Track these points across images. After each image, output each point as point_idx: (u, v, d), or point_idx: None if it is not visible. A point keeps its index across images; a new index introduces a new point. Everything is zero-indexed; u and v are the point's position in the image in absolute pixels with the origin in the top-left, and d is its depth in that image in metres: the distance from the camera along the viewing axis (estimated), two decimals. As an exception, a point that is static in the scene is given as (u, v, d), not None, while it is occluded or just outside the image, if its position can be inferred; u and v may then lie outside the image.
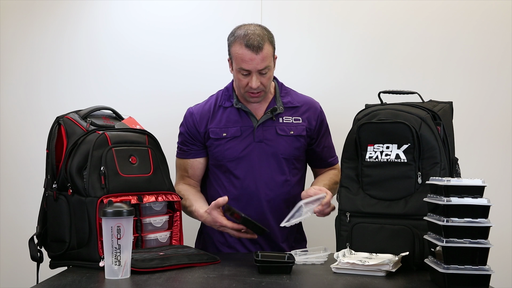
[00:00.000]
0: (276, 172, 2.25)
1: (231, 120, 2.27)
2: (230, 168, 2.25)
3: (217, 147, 2.26)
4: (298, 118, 2.29)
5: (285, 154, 2.25)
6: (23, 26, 2.89)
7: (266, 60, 2.14)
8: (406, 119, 1.94)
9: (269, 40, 2.16)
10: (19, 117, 2.89)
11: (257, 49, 2.11)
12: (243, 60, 2.13)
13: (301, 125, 2.28)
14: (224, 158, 2.26)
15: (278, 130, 2.25)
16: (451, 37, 2.78)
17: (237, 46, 2.14)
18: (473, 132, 2.73)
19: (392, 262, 1.78)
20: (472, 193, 1.61)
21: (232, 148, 2.24)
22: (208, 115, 2.29)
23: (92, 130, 2.01)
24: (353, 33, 2.82)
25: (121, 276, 1.73)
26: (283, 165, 2.26)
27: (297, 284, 1.71)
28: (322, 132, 2.35)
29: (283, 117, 2.27)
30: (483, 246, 1.59)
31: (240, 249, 2.28)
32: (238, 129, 2.25)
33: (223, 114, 2.28)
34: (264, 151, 2.24)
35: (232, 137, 2.25)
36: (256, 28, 2.16)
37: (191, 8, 2.88)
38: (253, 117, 2.26)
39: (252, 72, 2.14)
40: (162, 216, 2.09)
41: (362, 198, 1.98)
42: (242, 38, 2.13)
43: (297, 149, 2.28)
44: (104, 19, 2.90)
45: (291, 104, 2.30)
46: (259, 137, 2.24)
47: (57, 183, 1.98)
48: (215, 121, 2.28)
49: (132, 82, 2.87)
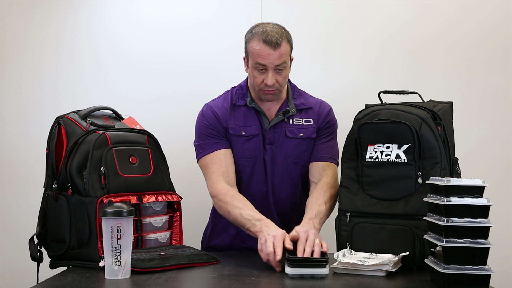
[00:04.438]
0: (284, 175, 2.23)
1: (248, 119, 2.23)
2: (247, 168, 2.22)
3: (236, 144, 2.22)
4: (310, 120, 2.26)
5: (293, 157, 2.23)
6: (23, 26, 2.89)
7: (283, 57, 2.12)
8: (406, 119, 1.94)
9: (287, 38, 2.15)
10: (19, 117, 2.90)
11: (275, 45, 2.09)
12: (260, 55, 2.11)
13: (312, 127, 2.25)
14: (243, 157, 2.21)
15: (287, 132, 2.23)
16: (451, 37, 2.78)
17: (254, 42, 2.12)
18: (473, 132, 2.73)
19: (392, 262, 1.78)
20: (472, 193, 1.61)
21: (250, 148, 2.21)
22: (226, 111, 2.24)
23: (92, 130, 2.01)
24: (353, 34, 2.82)
25: (121, 276, 1.73)
26: (291, 168, 2.23)
27: (297, 284, 1.71)
28: (327, 132, 2.27)
29: (293, 119, 2.25)
30: (483, 246, 1.59)
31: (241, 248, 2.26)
32: (257, 127, 2.22)
33: (239, 113, 2.24)
34: (274, 153, 2.22)
35: (252, 135, 2.21)
36: (274, 26, 2.15)
37: (191, 8, 2.88)
38: (265, 118, 2.24)
39: (269, 68, 2.12)
40: (162, 216, 2.09)
41: (362, 198, 1.98)
42: (261, 34, 2.11)
43: (305, 151, 2.24)
44: (104, 19, 2.90)
45: (304, 105, 2.27)
46: (270, 139, 2.22)
47: (57, 183, 1.98)
48: (232, 118, 2.23)
49: (132, 82, 2.87)
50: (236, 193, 2.13)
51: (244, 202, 2.08)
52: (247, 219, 2.00)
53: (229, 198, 2.09)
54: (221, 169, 2.17)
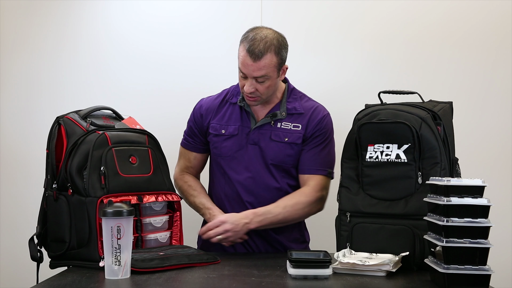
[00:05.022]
0: (265, 177, 2.22)
1: (232, 118, 2.26)
2: (224, 166, 2.26)
3: (215, 143, 2.27)
4: (298, 125, 2.23)
5: (274, 160, 2.22)
6: (23, 26, 2.89)
7: (263, 70, 2.09)
8: (406, 119, 1.94)
9: (275, 51, 2.10)
10: (19, 117, 2.89)
11: (256, 57, 2.08)
12: (242, 63, 2.12)
13: (299, 133, 2.22)
14: (220, 156, 2.27)
15: (272, 135, 2.22)
16: (451, 37, 2.78)
17: (241, 47, 2.13)
18: (473, 132, 2.73)
19: (392, 262, 1.78)
20: (472, 193, 1.61)
21: (228, 147, 2.25)
22: (214, 110, 2.30)
23: (92, 130, 2.01)
24: (353, 34, 2.82)
25: (121, 276, 1.73)
26: (273, 171, 2.23)
27: (297, 284, 1.71)
28: (317, 141, 2.23)
29: (282, 123, 2.23)
30: (483, 246, 1.59)
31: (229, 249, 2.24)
32: (236, 128, 2.25)
33: (227, 110, 2.28)
34: (256, 154, 2.23)
35: (230, 135, 2.25)
36: (267, 35, 2.11)
37: (191, 8, 2.88)
38: (253, 119, 2.25)
39: (248, 77, 2.13)
40: (162, 216, 2.09)
41: (363, 198, 1.98)
42: (248, 42, 2.10)
43: (289, 156, 2.22)
44: (105, 19, 2.90)
45: (296, 110, 2.24)
46: (253, 139, 2.23)
47: (57, 183, 1.98)
48: (218, 116, 2.28)
49: (132, 82, 2.87)
50: (193, 181, 2.34)
51: (199, 190, 2.31)
52: (199, 207, 2.27)
53: (186, 186, 2.33)
54: (188, 164, 2.38)
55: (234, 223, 2.09)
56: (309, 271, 1.75)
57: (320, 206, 2.24)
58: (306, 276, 1.74)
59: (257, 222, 2.12)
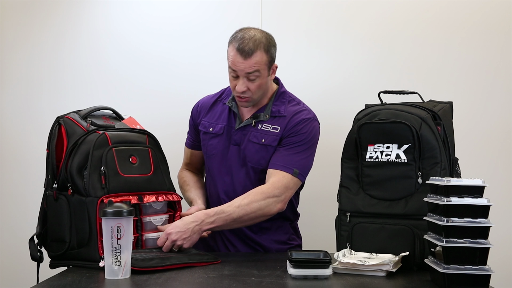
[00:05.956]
0: (242, 179, 2.22)
1: (221, 118, 2.29)
2: (208, 165, 2.30)
3: (203, 140, 2.32)
4: (277, 127, 2.19)
5: (252, 162, 2.21)
6: (23, 26, 2.89)
7: (255, 66, 2.10)
8: (406, 119, 1.94)
9: (265, 48, 2.12)
10: (19, 117, 2.89)
11: (246, 54, 2.09)
12: (232, 62, 2.13)
13: (276, 135, 2.18)
14: (206, 153, 2.31)
15: (251, 136, 2.21)
16: (451, 37, 2.78)
17: (230, 47, 2.14)
18: (473, 132, 2.73)
19: (392, 262, 1.78)
20: (472, 193, 1.61)
21: (213, 145, 2.27)
22: (207, 107, 2.34)
23: (93, 130, 2.01)
24: (353, 34, 2.82)
25: (121, 276, 1.73)
26: (251, 173, 2.21)
27: (297, 284, 1.71)
28: (290, 142, 2.17)
29: (263, 124, 2.22)
30: (483, 246, 1.59)
31: (222, 248, 2.25)
32: (223, 127, 2.27)
33: (218, 109, 2.31)
34: (237, 155, 2.23)
35: (216, 134, 2.27)
36: (255, 34, 2.13)
37: (191, 9, 2.88)
38: (239, 120, 2.26)
39: (240, 76, 2.13)
40: (162, 215, 2.09)
41: (363, 198, 1.98)
42: (237, 41, 2.11)
43: (264, 158, 2.19)
44: (105, 19, 2.90)
45: (278, 113, 2.22)
46: (235, 140, 2.24)
47: (57, 183, 1.98)
48: (209, 114, 2.33)
49: (132, 82, 2.87)
50: (188, 177, 2.39)
51: (192, 184, 2.35)
52: (188, 201, 2.31)
53: (182, 182, 2.39)
54: (187, 161, 2.46)
55: (180, 230, 1.99)
56: (309, 271, 1.75)
57: (280, 206, 2.12)
58: (306, 276, 1.74)
59: (210, 223, 2.04)
